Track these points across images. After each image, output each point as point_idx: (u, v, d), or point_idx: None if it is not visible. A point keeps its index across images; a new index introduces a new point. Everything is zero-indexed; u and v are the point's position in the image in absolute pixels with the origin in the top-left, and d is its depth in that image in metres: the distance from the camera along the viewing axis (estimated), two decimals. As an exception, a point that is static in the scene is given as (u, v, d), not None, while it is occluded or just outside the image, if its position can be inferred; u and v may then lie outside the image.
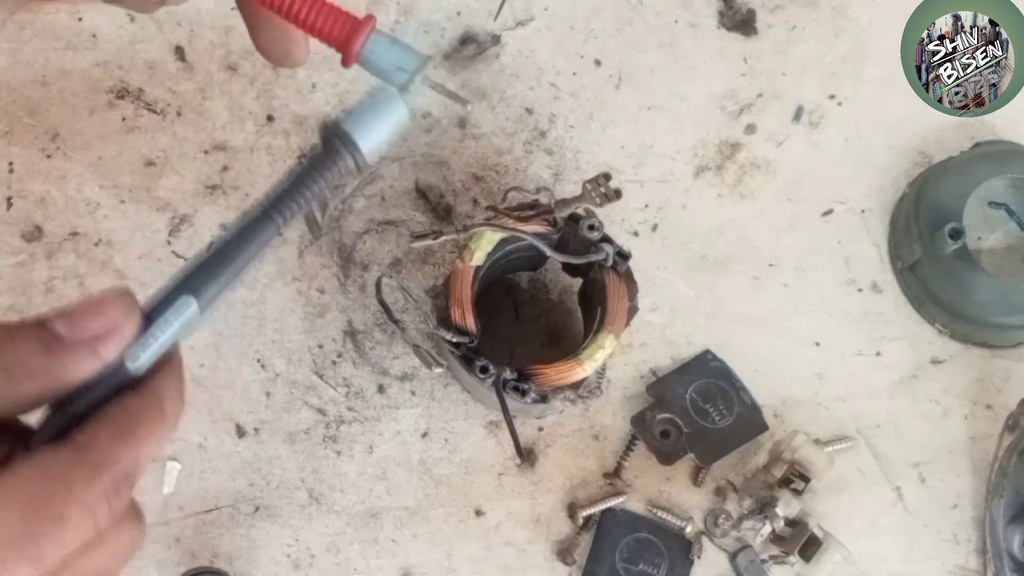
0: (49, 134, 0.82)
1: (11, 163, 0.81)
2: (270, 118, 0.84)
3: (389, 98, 0.48)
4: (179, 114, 0.83)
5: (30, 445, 0.40)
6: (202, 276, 0.44)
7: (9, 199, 0.81)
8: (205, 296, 0.43)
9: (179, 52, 0.85)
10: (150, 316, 0.42)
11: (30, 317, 0.40)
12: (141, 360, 0.41)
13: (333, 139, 0.47)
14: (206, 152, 0.83)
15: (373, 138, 0.47)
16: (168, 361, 0.43)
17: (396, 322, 0.75)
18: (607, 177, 0.74)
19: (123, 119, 0.83)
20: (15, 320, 0.40)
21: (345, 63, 0.53)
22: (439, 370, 0.74)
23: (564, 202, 0.73)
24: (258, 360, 0.79)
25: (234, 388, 0.78)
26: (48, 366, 0.39)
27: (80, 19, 0.85)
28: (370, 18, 0.52)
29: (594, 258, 0.72)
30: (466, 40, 0.86)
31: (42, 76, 0.83)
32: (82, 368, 0.40)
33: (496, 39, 0.87)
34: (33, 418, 0.41)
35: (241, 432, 0.77)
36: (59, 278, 0.79)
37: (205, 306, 0.43)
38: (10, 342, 0.39)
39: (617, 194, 0.74)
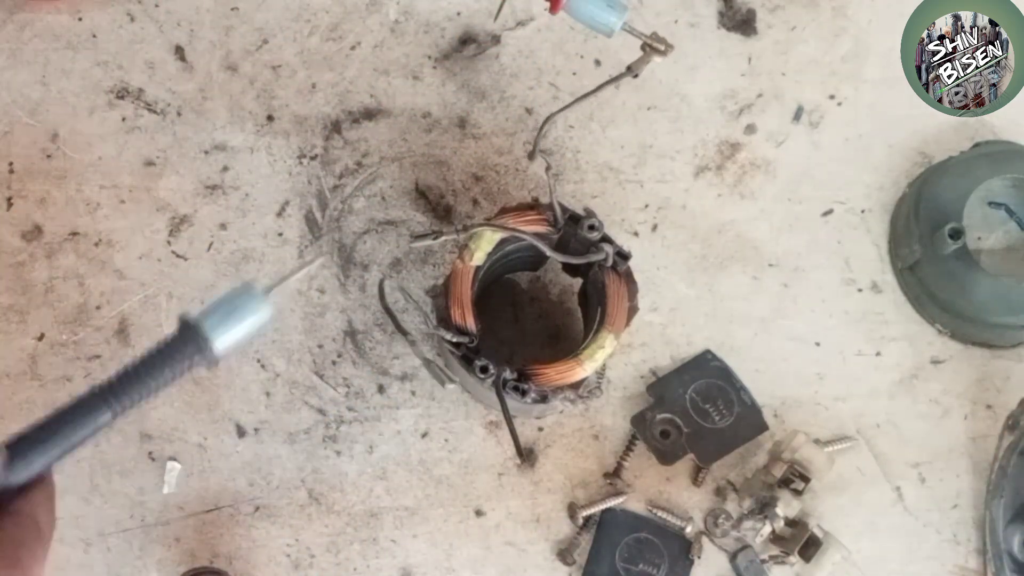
0: (49, 134, 0.82)
1: (11, 163, 0.81)
2: (270, 118, 0.84)
3: (252, 299, 0.47)
4: (179, 114, 0.83)
5: None
6: (24, 441, 0.44)
7: (9, 199, 0.81)
8: (21, 462, 0.44)
9: (179, 52, 0.85)
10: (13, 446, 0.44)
11: None
12: None
13: (186, 333, 0.46)
14: (206, 152, 0.83)
15: (229, 338, 0.46)
16: (41, 480, 0.44)
17: (405, 334, 0.74)
18: (657, 38, 0.71)
19: (123, 119, 0.83)
20: None
21: (553, 11, 0.63)
22: (451, 386, 0.73)
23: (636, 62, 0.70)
24: (258, 360, 0.79)
25: (234, 388, 0.78)
26: None
27: (80, 19, 0.85)
28: None
29: (594, 258, 0.72)
30: (466, 40, 0.86)
31: (42, 76, 0.83)
32: None
33: (496, 39, 0.87)
34: None
35: (241, 432, 0.77)
36: (59, 278, 0.79)
37: (19, 470, 0.44)
38: None
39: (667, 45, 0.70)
